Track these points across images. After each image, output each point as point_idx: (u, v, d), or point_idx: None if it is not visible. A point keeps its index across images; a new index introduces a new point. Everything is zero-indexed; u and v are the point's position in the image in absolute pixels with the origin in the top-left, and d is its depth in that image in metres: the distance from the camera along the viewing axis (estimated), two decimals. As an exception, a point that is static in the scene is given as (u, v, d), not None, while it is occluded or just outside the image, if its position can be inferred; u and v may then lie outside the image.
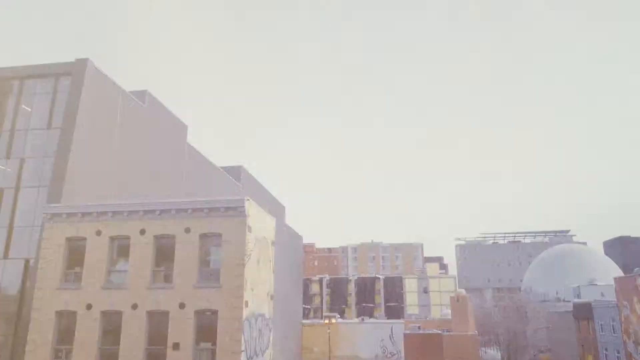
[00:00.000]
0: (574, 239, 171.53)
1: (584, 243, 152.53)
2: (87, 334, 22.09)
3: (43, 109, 28.16)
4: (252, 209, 23.39)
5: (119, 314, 22.19)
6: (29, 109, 28.26)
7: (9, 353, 24.20)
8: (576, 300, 72.72)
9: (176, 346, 21.31)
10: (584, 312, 59.78)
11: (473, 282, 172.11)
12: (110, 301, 22.32)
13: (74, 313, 22.52)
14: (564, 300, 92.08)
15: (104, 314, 22.35)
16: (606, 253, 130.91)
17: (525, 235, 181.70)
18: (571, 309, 66.09)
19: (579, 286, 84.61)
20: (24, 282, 25.09)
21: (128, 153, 31.43)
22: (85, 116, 27.18)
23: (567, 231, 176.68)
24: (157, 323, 21.97)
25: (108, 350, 22.00)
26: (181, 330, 21.49)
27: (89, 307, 22.36)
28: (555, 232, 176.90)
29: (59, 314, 22.70)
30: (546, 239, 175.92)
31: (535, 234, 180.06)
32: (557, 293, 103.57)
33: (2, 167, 27.24)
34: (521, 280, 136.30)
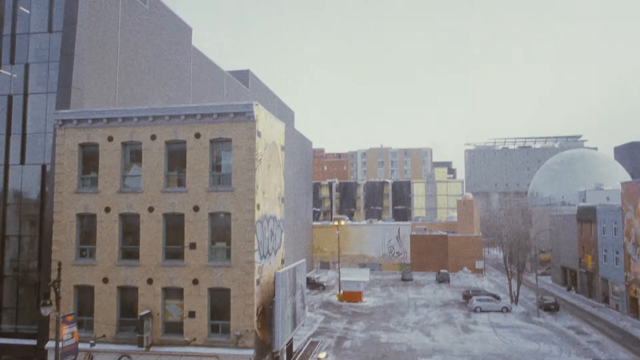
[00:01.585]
0: (585, 144, 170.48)
1: (595, 148, 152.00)
2: (108, 234, 23.23)
3: (42, 11, 27.14)
4: (261, 114, 23.29)
5: (136, 216, 23.13)
6: (27, 11, 27.27)
7: (36, 252, 25.74)
8: (581, 204, 74.11)
9: (193, 246, 22.42)
10: (587, 215, 61.20)
11: (480, 186, 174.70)
12: (127, 204, 23.16)
13: (93, 215, 23.51)
14: (569, 204, 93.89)
15: (122, 216, 23.31)
16: (616, 158, 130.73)
17: (536, 140, 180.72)
18: (575, 212, 67.59)
19: (585, 190, 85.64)
20: (42, 186, 25.94)
21: (132, 57, 30.77)
22: (85, 18, 26.25)
23: (579, 136, 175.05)
24: (174, 225, 22.95)
25: (129, 250, 23.26)
26: (196, 231, 22.47)
27: (107, 209, 23.27)
28: (567, 137, 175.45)
29: (80, 217, 23.73)
30: (557, 144, 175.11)
31: (546, 139, 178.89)
32: (562, 197, 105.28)
33: (8, 73, 26.93)
34: (528, 185, 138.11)
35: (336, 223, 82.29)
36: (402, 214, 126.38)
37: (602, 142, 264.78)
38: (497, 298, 55.83)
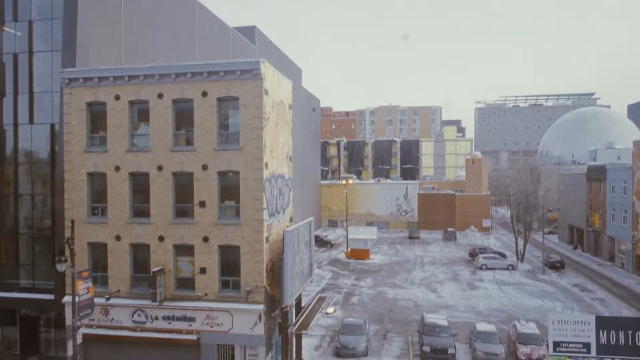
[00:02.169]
0: (598, 102, 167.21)
1: (608, 106, 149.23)
2: (119, 193, 23.51)
3: (43, -35, 26.45)
4: (268, 72, 22.98)
5: (145, 175, 23.31)
6: (29, -34, 26.59)
7: (49, 210, 26.20)
8: (591, 163, 73.50)
9: (202, 204, 22.68)
10: (597, 174, 60.82)
11: (489, 145, 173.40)
12: (136, 163, 23.30)
13: (103, 174, 23.72)
14: (579, 163, 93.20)
15: (132, 175, 23.50)
16: (630, 117, 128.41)
17: (548, 98, 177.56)
18: (585, 171, 67.16)
19: (596, 149, 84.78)
20: (52, 145, 26.10)
21: (136, 13, 30.20)
22: (88, -27, 25.61)
23: (592, 94, 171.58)
24: (183, 183, 23.13)
25: (140, 208, 23.58)
26: (206, 189, 22.67)
27: (117, 168, 23.45)
28: (579, 94, 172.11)
29: (90, 175, 23.96)
30: (569, 102, 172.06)
31: (558, 96, 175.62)
32: (573, 156, 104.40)
33: (12, 31, 26.60)
34: (538, 144, 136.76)
35: (344, 182, 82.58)
36: (410, 172, 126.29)
37: (616, 100, 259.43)
38: (503, 256, 56.44)
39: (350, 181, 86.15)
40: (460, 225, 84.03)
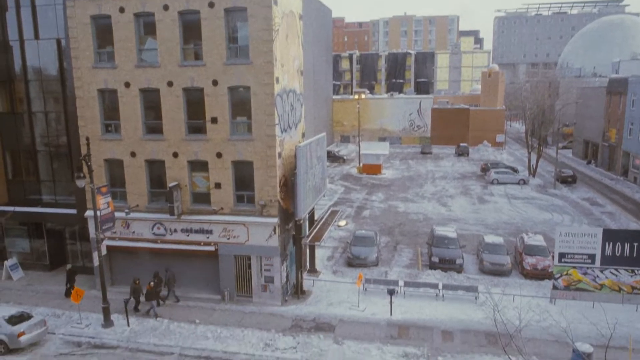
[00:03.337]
0: (627, 9, 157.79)
1: (637, 14, 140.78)
2: (130, 110, 23.48)
3: None
4: (277, -20, 21.79)
5: (156, 91, 23.10)
6: None
7: (64, 128, 26.42)
8: (613, 75, 70.88)
9: (214, 120, 22.65)
10: (618, 87, 58.89)
11: (508, 57, 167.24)
12: (146, 79, 23.01)
13: (114, 91, 23.56)
14: (600, 76, 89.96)
15: (143, 91, 23.31)
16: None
17: (573, 5, 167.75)
18: (606, 84, 64.98)
19: (619, 61, 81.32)
20: (60, 61, 25.71)
21: None
22: None
23: (621, 0, 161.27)
24: (194, 99, 22.96)
25: (152, 124, 23.66)
26: (217, 105, 22.52)
27: (127, 84, 23.22)
28: (607, 1, 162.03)
29: (101, 92, 23.82)
30: (595, 10, 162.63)
31: (585, 3, 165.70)
32: (594, 68, 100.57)
33: (7, -63, 25.21)
34: (559, 55, 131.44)
35: (356, 96, 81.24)
36: (425, 86, 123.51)
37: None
38: (515, 171, 56.56)
39: (363, 96, 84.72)
40: (474, 140, 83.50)
